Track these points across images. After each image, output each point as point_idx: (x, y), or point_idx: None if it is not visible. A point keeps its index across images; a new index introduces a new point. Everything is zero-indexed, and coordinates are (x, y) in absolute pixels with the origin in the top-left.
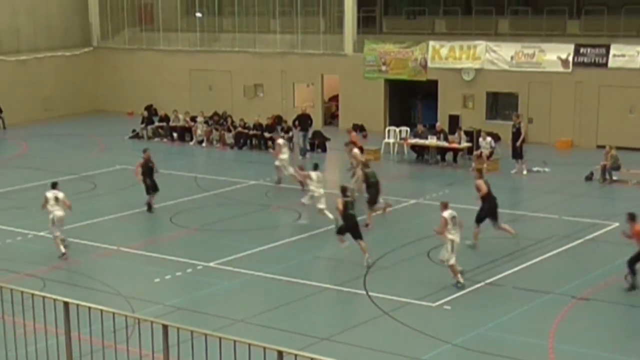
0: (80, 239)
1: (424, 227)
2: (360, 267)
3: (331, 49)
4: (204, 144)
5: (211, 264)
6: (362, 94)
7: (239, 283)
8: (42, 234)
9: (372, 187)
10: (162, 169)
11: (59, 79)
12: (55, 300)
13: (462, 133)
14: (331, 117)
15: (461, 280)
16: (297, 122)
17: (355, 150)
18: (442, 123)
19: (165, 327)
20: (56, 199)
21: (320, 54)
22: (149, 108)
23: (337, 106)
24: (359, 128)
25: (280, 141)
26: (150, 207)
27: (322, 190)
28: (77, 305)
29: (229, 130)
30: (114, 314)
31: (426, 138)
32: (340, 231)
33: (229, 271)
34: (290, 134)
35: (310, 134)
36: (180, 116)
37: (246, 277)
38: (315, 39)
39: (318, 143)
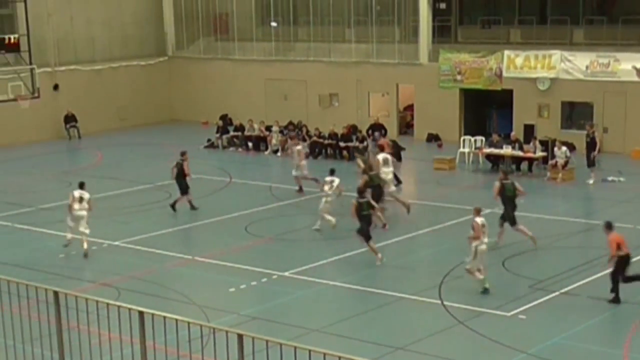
0: (155, 249)
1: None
2: (436, 276)
3: (406, 59)
4: (278, 154)
5: (286, 274)
6: (437, 103)
7: (314, 292)
8: (117, 243)
9: (374, 189)
10: (237, 179)
11: (134, 88)
12: (130, 309)
13: (537, 142)
14: (406, 127)
15: (487, 285)
16: (370, 132)
17: (379, 156)
18: (517, 132)
19: (240, 337)
20: (81, 199)
21: (395, 63)
22: (224, 117)
23: (412, 115)
24: (382, 130)
25: (299, 147)
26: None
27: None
28: (152, 314)
29: (304, 140)
30: (189, 323)
31: (501, 147)
32: (362, 232)
33: (303, 280)
34: (365, 143)
35: None
36: (255, 126)
37: (321, 286)
38: (390, 48)
39: (393, 152)
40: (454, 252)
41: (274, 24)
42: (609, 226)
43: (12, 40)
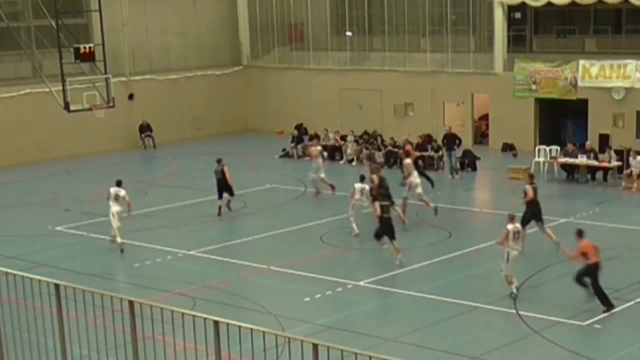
0: (230, 258)
1: (575, 245)
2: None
3: (481, 68)
4: (354, 163)
5: (361, 283)
6: (512, 112)
7: (389, 302)
8: (192, 252)
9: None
10: (312, 188)
11: (209, 98)
12: (205, 319)
13: (612, 152)
14: (481, 136)
15: (514, 290)
16: (443, 142)
17: (407, 160)
18: (592, 142)
19: (315, 346)
20: (117, 196)
21: (471, 72)
22: (299, 127)
23: (487, 125)
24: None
25: (313, 149)
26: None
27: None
28: (227, 324)
29: (379, 149)
30: (264, 332)
31: (576, 157)
32: (378, 236)
33: (378, 290)
34: (440, 152)
35: (459, 153)
36: (331, 135)
37: (396, 296)
38: (465, 57)
39: (468, 162)
40: (529, 261)
41: (349, 33)
42: (580, 234)
43: (87, 50)
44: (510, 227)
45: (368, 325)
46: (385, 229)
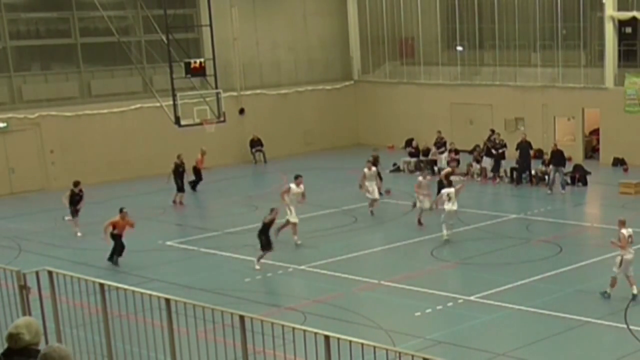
0: (341, 273)
1: None
2: (622, 300)
3: (592, 83)
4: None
5: (472, 298)
6: (622, 127)
7: (500, 317)
8: (302, 267)
9: None
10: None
11: (319, 112)
12: (315, 333)
13: None
14: (592, 151)
15: (609, 291)
16: (550, 159)
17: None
18: None
19: None
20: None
21: (581, 87)
22: (409, 142)
23: (597, 140)
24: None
25: (366, 171)
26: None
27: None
28: (338, 338)
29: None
30: (374, 347)
31: None
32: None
33: (489, 305)
34: (550, 167)
35: (570, 168)
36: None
37: (507, 310)
38: (576, 72)
39: (579, 177)
40: None
41: (459, 48)
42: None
43: (198, 65)
44: (624, 232)
45: (479, 340)
46: None
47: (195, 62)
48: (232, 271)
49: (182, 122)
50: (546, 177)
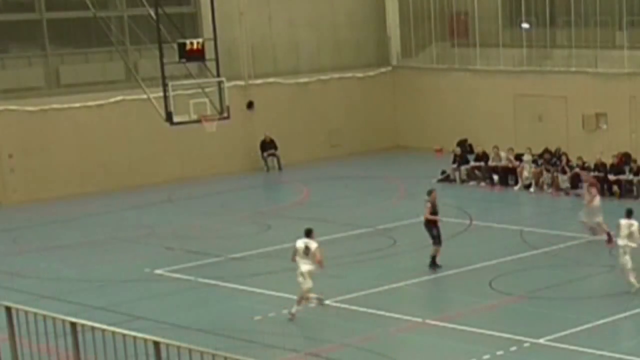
0: (375, 309)
1: None
2: None
3: None
4: (532, 189)
5: (541, 341)
6: None
7: None
8: (328, 302)
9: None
10: (478, 220)
11: (348, 106)
12: None
13: None
14: None
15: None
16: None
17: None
18: None
19: None
20: (307, 250)
21: None
22: (462, 144)
23: None
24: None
25: (593, 190)
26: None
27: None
28: None
29: (564, 172)
30: None
31: None
32: None
33: (564, 350)
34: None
35: None
36: (502, 154)
37: (586, 357)
38: None
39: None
40: None
41: (525, 25)
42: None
43: (195, 46)
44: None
45: None
46: None
47: (191, 44)
48: (239, 307)
49: (175, 119)
50: (634, 188)
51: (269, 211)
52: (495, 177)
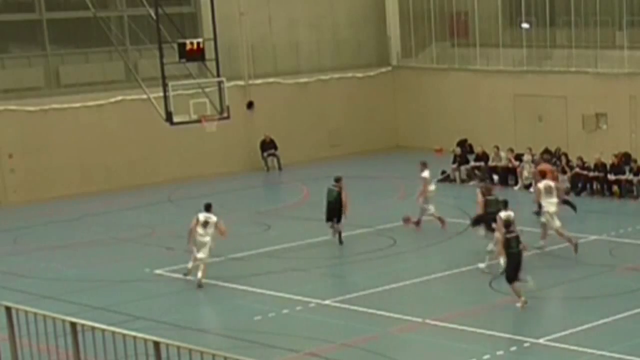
0: (376, 309)
1: None
2: None
3: None
4: (531, 189)
5: (541, 341)
6: None
7: None
8: (327, 302)
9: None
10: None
11: (348, 106)
12: None
13: None
14: None
15: None
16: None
17: (540, 185)
18: None
19: None
20: (206, 223)
21: None
22: (462, 144)
23: None
24: None
25: (426, 174)
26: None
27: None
28: None
29: (564, 172)
30: None
31: None
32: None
33: (563, 350)
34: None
35: None
36: (502, 154)
37: (585, 357)
38: None
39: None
40: None
41: (525, 25)
42: None
43: (195, 46)
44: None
45: None
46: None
47: (191, 44)
48: (239, 307)
49: (175, 119)
50: (634, 188)
51: (269, 211)
52: (496, 177)
